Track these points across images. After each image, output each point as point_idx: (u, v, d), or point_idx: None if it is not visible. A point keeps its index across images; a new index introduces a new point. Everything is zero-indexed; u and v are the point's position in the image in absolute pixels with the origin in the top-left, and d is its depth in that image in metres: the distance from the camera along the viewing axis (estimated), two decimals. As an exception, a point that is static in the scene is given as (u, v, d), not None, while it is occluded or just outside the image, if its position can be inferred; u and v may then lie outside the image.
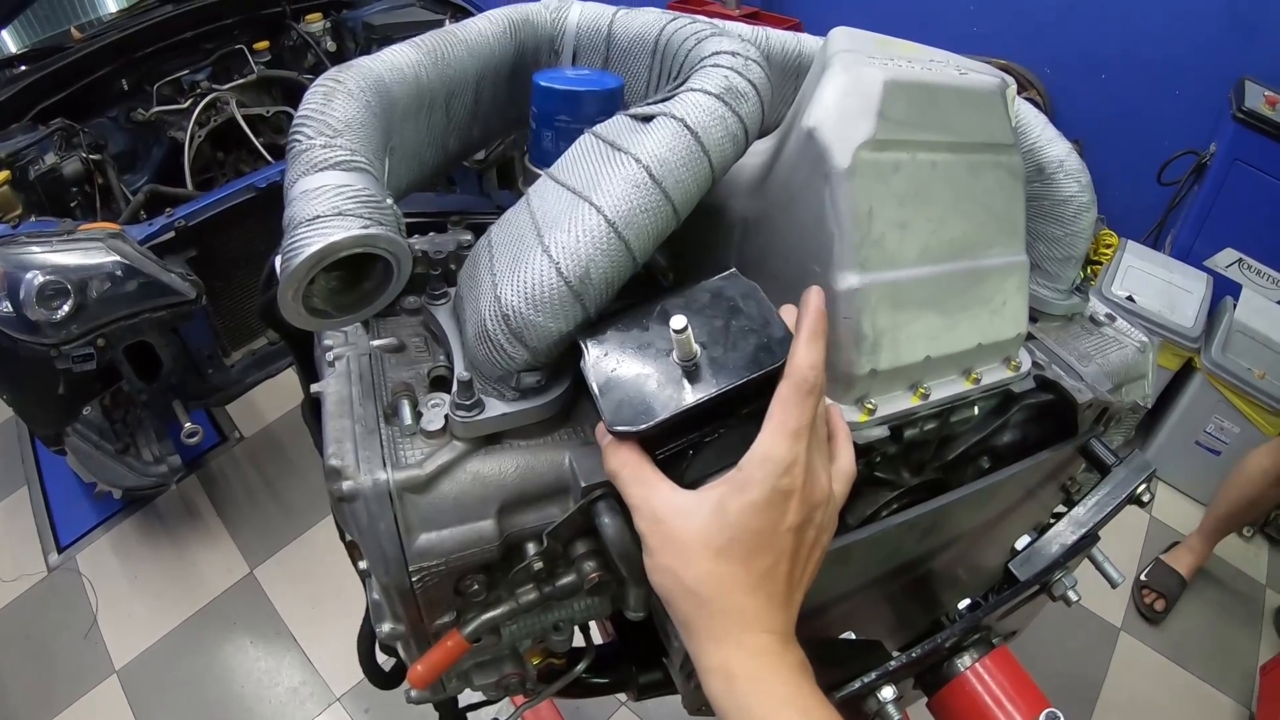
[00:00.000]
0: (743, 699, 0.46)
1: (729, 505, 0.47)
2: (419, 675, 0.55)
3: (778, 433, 0.46)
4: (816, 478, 0.48)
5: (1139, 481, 0.84)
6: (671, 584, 0.48)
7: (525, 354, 0.52)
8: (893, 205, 0.59)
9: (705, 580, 0.47)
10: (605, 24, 0.72)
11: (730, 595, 0.47)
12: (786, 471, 0.46)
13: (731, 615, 0.47)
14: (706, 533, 0.47)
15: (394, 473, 0.51)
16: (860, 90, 0.56)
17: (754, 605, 0.47)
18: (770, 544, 0.47)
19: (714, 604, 0.47)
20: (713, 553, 0.47)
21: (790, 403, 0.46)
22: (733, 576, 0.47)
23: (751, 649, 0.47)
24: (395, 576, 0.52)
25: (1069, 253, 0.94)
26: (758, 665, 0.47)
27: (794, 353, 0.47)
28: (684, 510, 0.48)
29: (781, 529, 0.47)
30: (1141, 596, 2.29)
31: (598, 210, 0.50)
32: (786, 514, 0.47)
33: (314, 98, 0.55)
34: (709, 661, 0.48)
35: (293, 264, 0.47)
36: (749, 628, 0.47)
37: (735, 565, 0.47)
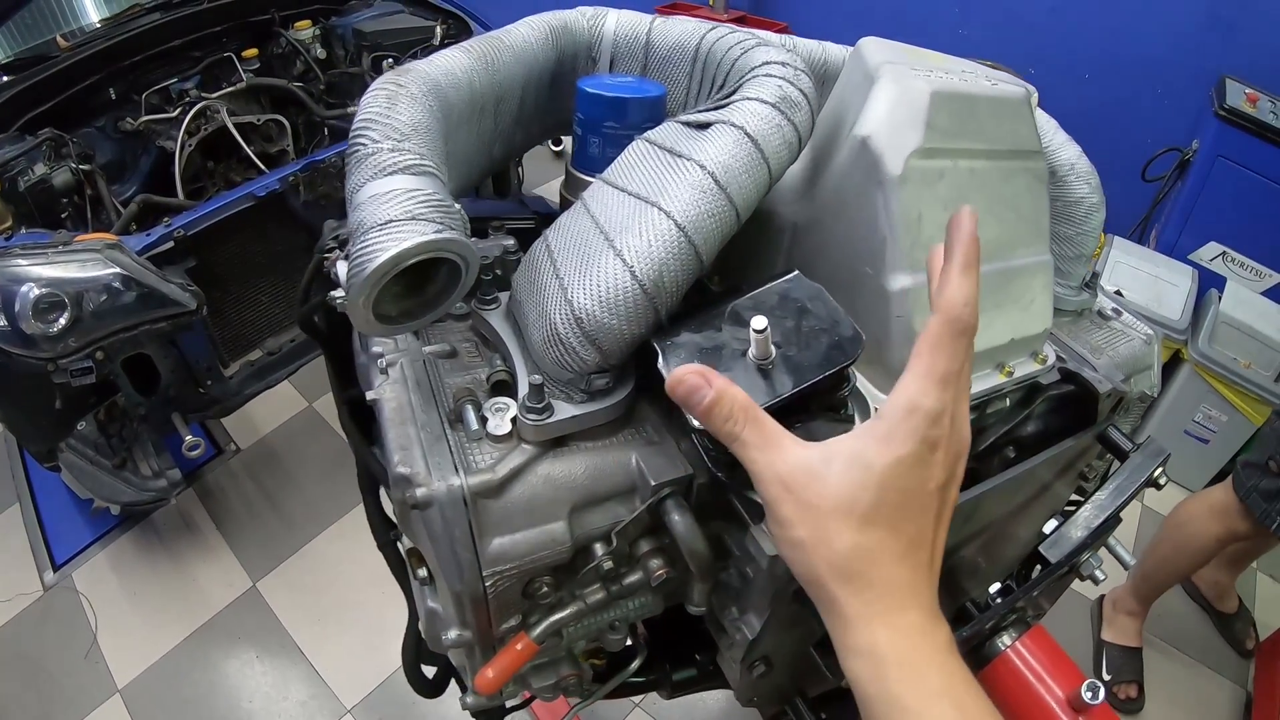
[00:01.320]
0: (893, 687, 0.41)
1: (873, 461, 0.41)
2: (489, 681, 0.56)
3: (926, 378, 0.41)
4: (962, 429, 0.43)
5: (1155, 465, 0.88)
6: (812, 561, 0.43)
7: (597, 357, 0.53)
8: (938, 210, 0.60)
9: (852, 554, 0.42)
10: (643, 32, 0.73)
11: (879, 567, 0.42)
12: (935, 422, 0.41)
13: (880, 590, 0.42)
14: (849, 496, 0.42)
15: (468, 478, 0.51)
16: (909, 101, 0.58)
17: (903, 577, 0.43)
18: (919, 505, 0.42)
19: (861, 579, 0.42)
20: (857, 520, 0.42)
21: (941, 344, 0.41)
22: (881, 545, 0.42)
23: (902, 629, 0.42)
24: (469, 582, 0.53)
25: (1079, 251, 0.97)
26: (909, 647, 0.42)
27: (944, 287, 0.41)
28: (818, 472, 0.42)
29: (930, 488, 0.42)
30: (1115, 694, 2.11)
31: (667, 215, 0.51)
32: (934, 470, 0.42)
33: (376, 101, 0.56)
34: (854, 642, 0.43)
35: (366, 270, 0.47)
36: (899, 604, 0.42)
37: (883, 531, 0.42)
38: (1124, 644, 2.16)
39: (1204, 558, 1.98)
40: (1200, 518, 1.94)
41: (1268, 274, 2.76)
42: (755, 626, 0.61)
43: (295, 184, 2.08)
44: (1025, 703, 0.77)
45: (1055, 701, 0.75)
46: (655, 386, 0.57)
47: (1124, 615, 2.18)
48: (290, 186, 2.08)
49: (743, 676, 0.67)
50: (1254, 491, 1.78)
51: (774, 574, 0.54)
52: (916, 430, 0.41)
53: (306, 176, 2.09)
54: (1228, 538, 1.89)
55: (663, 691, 0.96)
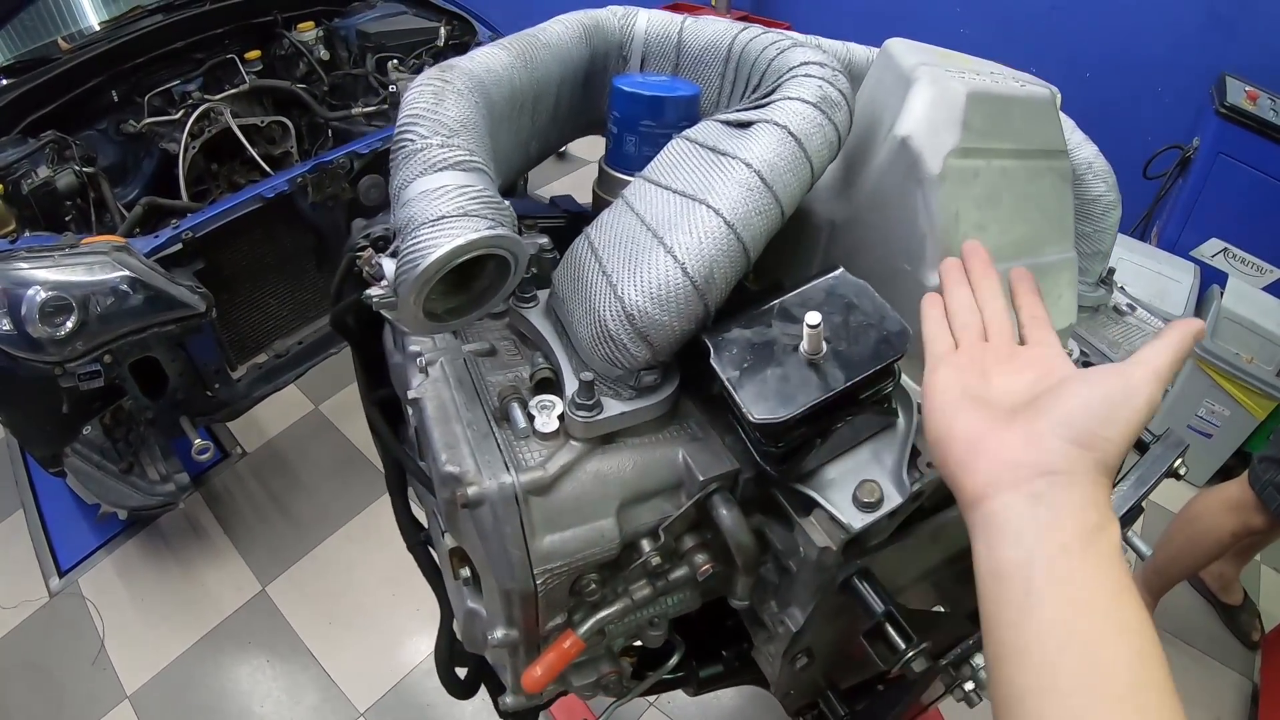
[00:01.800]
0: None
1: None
2: (538, 679, 0.56)
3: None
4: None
5: (1175, 456, 0.89)
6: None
7: (648, 353, 0.53)
8: (973, 208, 0.61)
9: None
10: (675, 31, 0.73)
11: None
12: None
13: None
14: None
15: (519, 475, 0.51)
16: (947, 102, 0.58)
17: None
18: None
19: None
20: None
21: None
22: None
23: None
24: (520, 580, 0.53)
25: (1097, 248, 0.98)
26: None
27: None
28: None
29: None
30: None
31: (716, 212, 0.51)
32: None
33: (423, 97, 0.56)
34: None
35: (419, 266, 0.47)
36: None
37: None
38: None
39: (1218, 552, 1.98)
40: (1214, 512, 1.93)
41: (1269, 269, 2.78)
42: (799, 619, 0.61)
43: (303, 185, 2.08)
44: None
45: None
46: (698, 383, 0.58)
47: None
48: (298, 188, 2.07)
49: (783, 670, 0.67)
50: (1270, 485, 1.78)
51: (822, 565, 0.54)
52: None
53: (315, 178, 2.08)
54: (1243, 533, 1.88)
55: (689, 689, 0.96)
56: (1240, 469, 2.69)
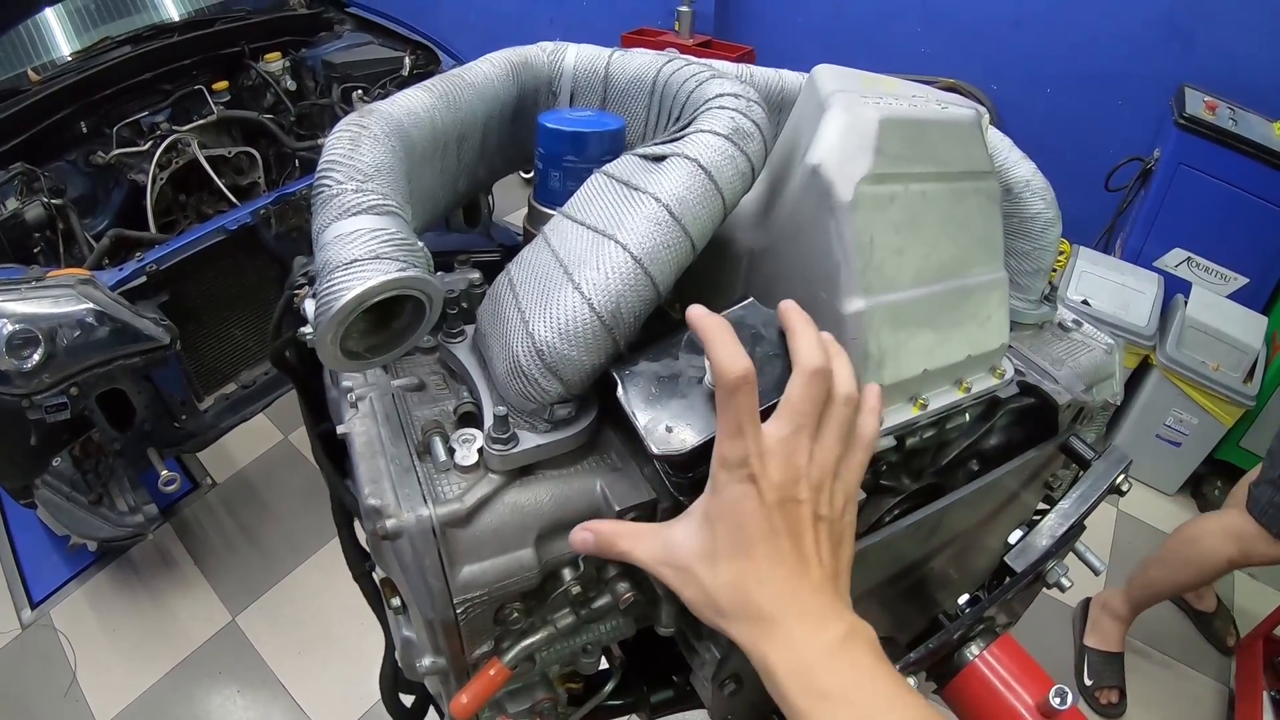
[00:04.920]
0: (788, 696, 0.46)
1: (706, 510, 0.49)
2: (464, 706, 0.57)
3: (722, 436, 0.48)
4: (790, 457, 0.48)
5: (1117, 472, 0.90)
6: (704, 615, 0.50)
7: (559, 387, 0.54)
8: (890, 233, 0.62)
9: (720, 591, 0.48)
10: (602, 66, 0.75)
11: (745, 594, 0.48)
12: (741, 464, 0.47)
13: (755, 608, 0.48)
14: (701, 547, 0.49)
15: (436, 508, 0.52)
16: (858, 129, 0.60)
17: (772, 591, 0.48)
18: (758, 529, 0.48)
19: (736, 610, 0.48)
20: (713, 562, 0.49)
21: (724, 404, 0.47)
22: (740, 574, 0.48)
23: (785, 641, 0.47)
24: (441, 610, 0.53)
25: (1037, 265, 1.00)
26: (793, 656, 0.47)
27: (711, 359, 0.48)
28: (679, 540, 0.50)
29: (764, 512, 0.48)
30: (1096, 699, 2.14)
31: (624, 248, 0.52)
32: (763, 496, 0.47)
33: (340, 143, 0.57)
34: (756, 661, 0.48)
35: (333, 308, 0.48)
36: (775, 617, 0.47)
37: (736, 562, 0.48)
38: (1106, 649, 2.17)
39: (1212, 576, 1.98)
40: (1213, 536, 1.92)
41: (1232, 277, 2.83)
42: (724, 645, 0.62)
43: (266, 217, 2.09)
44: (995, 711, 0.78)
45: (1025, 708, 0.77)
46: (618, 414, 0.58)
47: (1109, 619, 2.18)
48: (261, 220, 2.09)
49: (715, 696, 0.68)
50: (1270, 508, 1.78)
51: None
52: (728, 473, 0.48)
53: (277, 209, 2.10)
54: (1241, 560, 1.88)
55: (641, 714, 0.96)
56: (1211, 477, 2.75)
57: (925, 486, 0.78)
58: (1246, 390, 2.50)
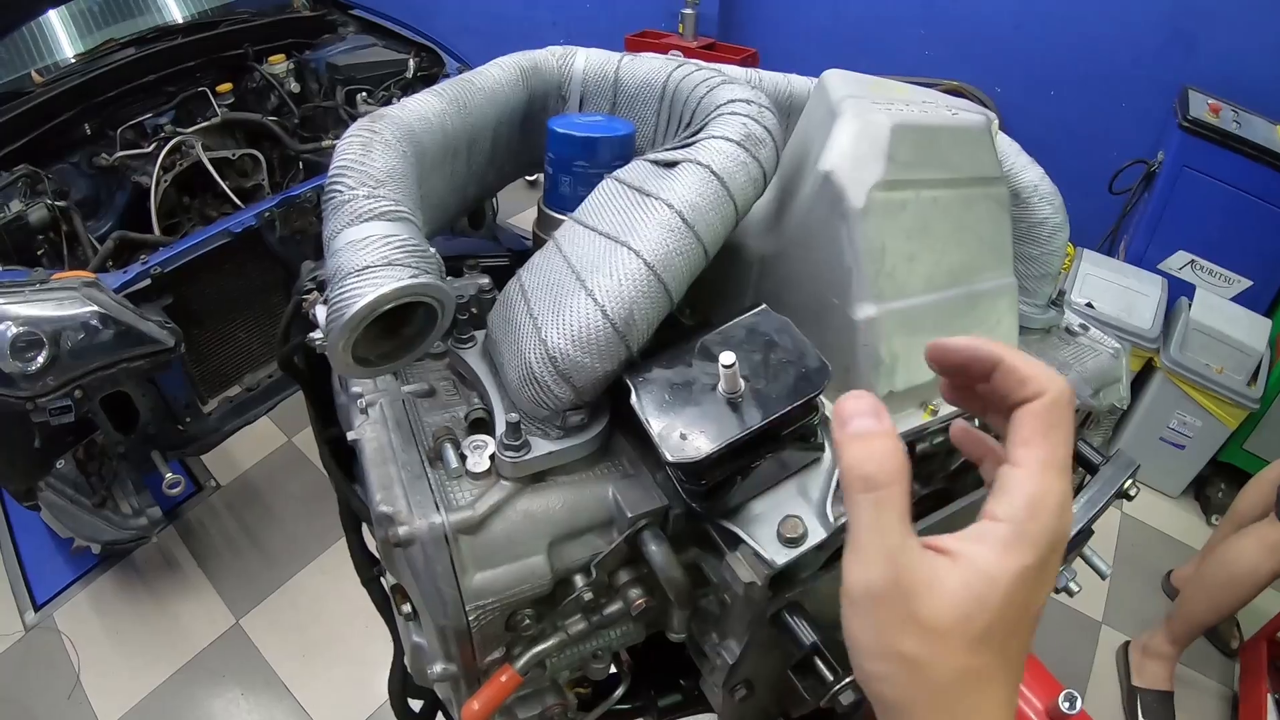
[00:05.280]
0: None
1: (996, 572, 0.35)
2: (476, 713, 0.57)
3: (1048, 467, 0.36)
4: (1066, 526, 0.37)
5: (1125, 477, 0.90)
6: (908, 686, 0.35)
7: (572, 394, 0.54)
8: (901, 239, 0.62)
9: (960, 680, 0.35)
10: (611, 70, 0.75)
11: (984, 692, 0.36)
12: (1061, 515, 0.36)
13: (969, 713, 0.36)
14: (966, 613, 0.34)
15: (448, 515, 0.52)
16: (870, 135, 0.60)
17: (1001, 698, 0.36)
18: (1030, 620, 0.37)
19: (962, 705, 0.35)
20: (970, 641, 0.35)
21: (1056, 426, 0.36)
22: (990, 671, 0.35)
23: None
24: (453, 617, 0.53)
25: (1045, 270, 1.00)
26: None
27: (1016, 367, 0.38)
28: (939, 582, 0.35)
29: (1041, 599, 0.36)
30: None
31: (637, 254, 0.52)
32: (1050, 574, 0.36)
33: (351, 148, 0.57)
34: None
35: (345, 315, 0.48)
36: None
37: (994, 655, 0.35)
38: (1158, 689, 2.14)
39: (1254, 593, 1.93)
40: (1250, 553, 1.90)
41: (1236, 280, 2.82)
42: (735, 651, 0.62)
43: (271, 220, 2.09)
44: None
45: (1035, 713, 0.77)
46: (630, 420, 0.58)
47: (1155, 660, 2.15)
48: (266, 222, 2.09)
49: (725, 701, 0.68)
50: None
51: (750, 599, 0.55)
52: (1046, 530, 0.35)
53: (282, 212, 2.10)
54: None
55: (649, 718, 0.96)
56: (1215, 479, 2.74)
57: (935, 491, 0.78)
58: (1250, 393, 2.50)
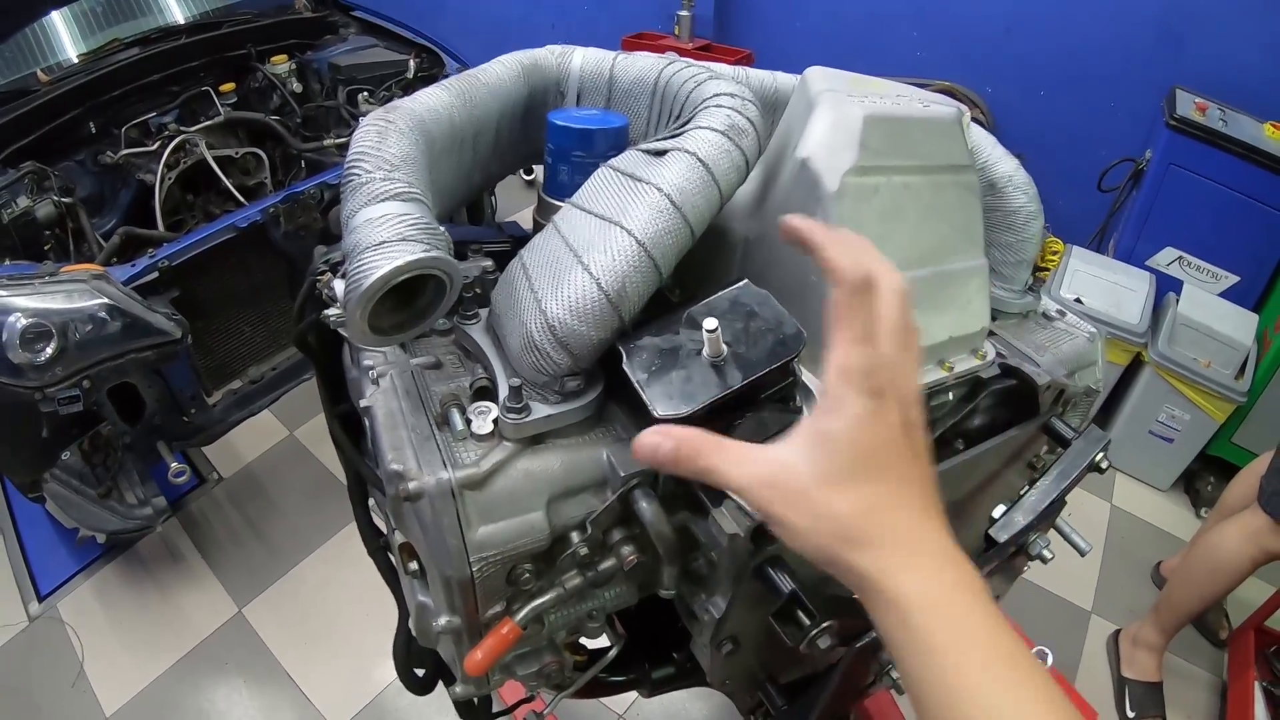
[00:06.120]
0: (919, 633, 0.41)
1: (831, 428, 0.43)
2: (478, 662, 0.61)
3: (845, 343, 0.43)
4: (905, 374, 0.44)
5: (1096, 450, 0.94)
6: (821, 543, 0.43)
7: (569, 360, 0.59)
8: (874, 221, 0.67)
9: (851, 516, 0.42)
10: (607, 68, 0.80)
11: (879, 519, 0.42)
12: (870, 375, 0.42)
13: (888, 542, 0.42)
14: (825, 468, 0.43)
15: (455, 472, 0.57)
16: (844, 125, 0.64)
17: (905, 523, 0.43)
18: (892, 449, 0.43)
19: (868, 538, 0.42)
20: (836, 482, 0.42)
21: (847, 308, 0.43)
22: (874, 497, 0.42)
23: (919, 573, 0.42)
24: (458, 567, 0.58)
25: (1021, 257, 1.04)
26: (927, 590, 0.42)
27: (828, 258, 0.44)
28: (789, 461, 0.44)
29: (895, 434, 0.43)
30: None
31: (629, 233, 0.57)
32: (889, 415, 0.43)
33: (368, 136, 0.61)
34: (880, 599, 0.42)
35: (363, 285, 0.53)
36: (910, 551, 0.43)
37: (869, 485, 0.42)
38: (1146, 680, 2.17)
39: (1237, 580, 1.96)
40: (1232, 540, 1.93)
41: (1223, 276, 2.86)
42: (721, 606, 0.66)
43: (276, 215, 2.13)
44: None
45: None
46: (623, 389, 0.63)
47: (1144, 651, 2.18)
48: (271, 218, 2.13)
49: (713, 658, 0.73)
50: (1275, 497, 1.81)
51: (734, 552, 0.59)
52: (855, 386, 0.42)
53: (286, 208, 2.14)
54: (1263, 558, 1.88)
55: (643, 690, 1.00)
56: (1204, 473, 2.79)
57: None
58: (1238, 386, 2.54)
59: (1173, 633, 2.16)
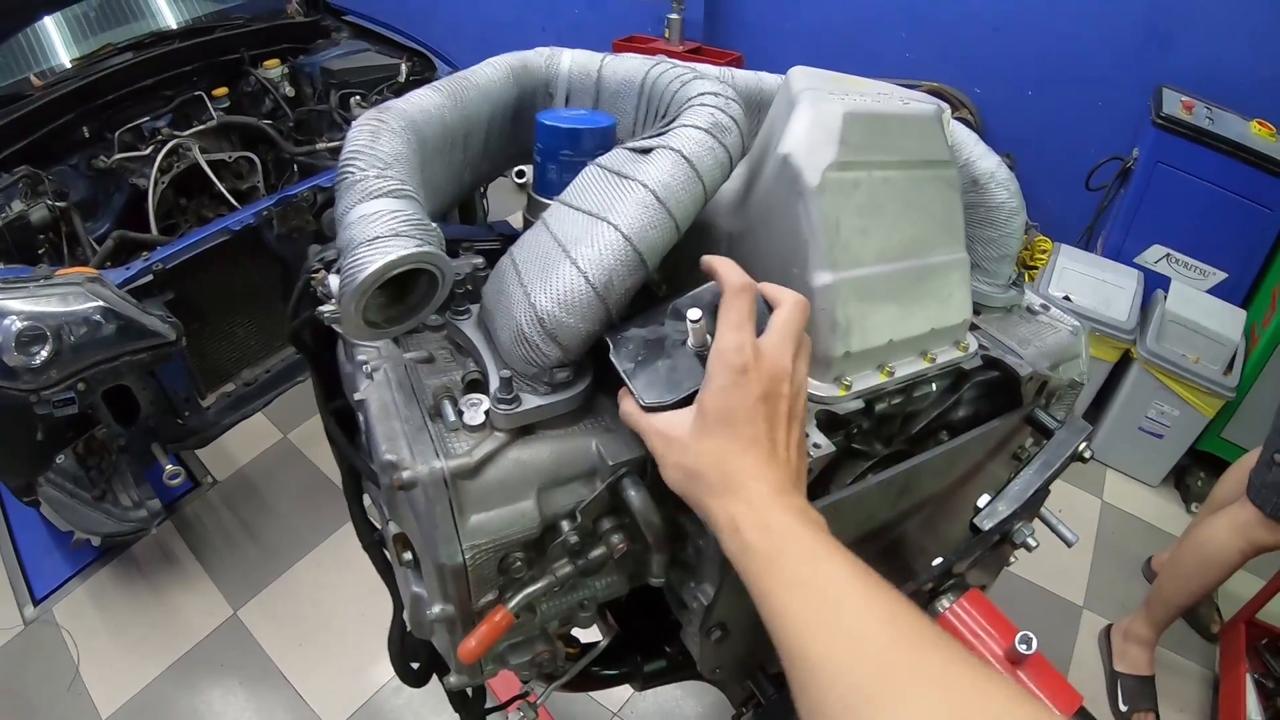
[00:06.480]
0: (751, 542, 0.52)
1: (703, 399, 0.56)
2: (472, 650, 0.62)
3: (724, 329, 0.56)
4: (772, 355, 0.56)
5: (1079, 440, 0.96)
6: (679, 475, 0.57)
7: (558, 352, 0.60)
8: (855, 215, 0.69)
9: (702, 456, 0.56)
10: (595, 69, 0.81)
11: (725, 462, 0.55)
12: (738, 351, 0.55)
13: (730, 476, 0.55)
14: (692, 424, 0.57)
15: (447, 461, 0.58)
16: (824, 122, 0.66)
17: (748, 464, 0.55)
18: (746, 415, 0.55)
19: (713, 472, 0.55)
20: (699, 435, 0.56)
21: (728, 305, 0.56)
22: (722, 448, 0.55)
23: (751, 498, 0.54)
24: (450, 554, 0.59)
25: (1003, 252, 1.06)
26: (761, 510, 0.53)
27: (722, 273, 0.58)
28: (676, 419, 0.58)
29: (751, 401, 0.55)
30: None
31: (615, 228, 0.59)
32: (750, 387, 0.55)
33: (362, 135, 0.63)
34: (719, 521, 0.55)
35: (357, 279, 0.54)
36: (746, 483, 0.54)
37: (721, 439, 0.55)
38: (1138, 674, 2.18)
39: (1227, 573, 1.97)
40: (1220, 533, 1.94)
41: (1211, 272, 2.89)
42: (710, 593, 0.68)
43: (269, 218, 2.14)
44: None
45: (993, 656, 0.82)
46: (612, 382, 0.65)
47: (1135, 645, 2.19)
48: (264, 221, 2.14)
49: (703, 645, 0.74)
50: (1263, 488, 1.82)
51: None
52: (723, 362, 0.55)
53: (279, 211, 2.15)
54: (1251, 550, 1.89)
55: (635, 683, 1.02)
56: (1194, 468, 2.81)
57: (896, 452, 0.84)
58: (1226, 382, 2.56)
59: (1164, 626, 2.17)
